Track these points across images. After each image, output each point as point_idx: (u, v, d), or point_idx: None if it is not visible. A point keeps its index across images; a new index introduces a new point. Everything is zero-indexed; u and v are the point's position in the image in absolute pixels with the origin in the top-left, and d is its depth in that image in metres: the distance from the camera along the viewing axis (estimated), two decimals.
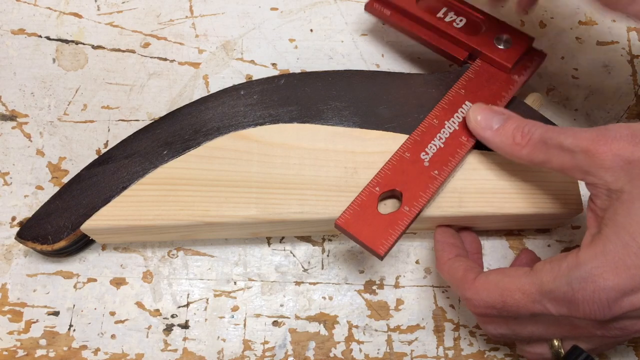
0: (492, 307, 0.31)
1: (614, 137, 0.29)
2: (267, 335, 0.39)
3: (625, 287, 0.27)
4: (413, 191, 0.35)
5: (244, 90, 0.40)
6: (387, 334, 0.39)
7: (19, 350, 0.38)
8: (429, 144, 0.37)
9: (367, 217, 0.34)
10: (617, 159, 0.29)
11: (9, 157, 0.42)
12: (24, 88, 0.44)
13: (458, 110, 0.38)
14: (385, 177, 0.36)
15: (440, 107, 0.38)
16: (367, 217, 0.34)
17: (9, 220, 0.40)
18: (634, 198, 0.28)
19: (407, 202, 0.35)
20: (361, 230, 0.34)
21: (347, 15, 0.47)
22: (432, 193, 0.35)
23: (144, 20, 0.46)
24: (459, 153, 0.37)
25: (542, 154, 0.32)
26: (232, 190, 0.37)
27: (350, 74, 0.41)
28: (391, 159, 0.37)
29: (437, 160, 0.36)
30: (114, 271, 0.40)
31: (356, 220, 0.34)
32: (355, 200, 0.35)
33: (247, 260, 0.40)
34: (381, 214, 0.35)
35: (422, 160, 0.36)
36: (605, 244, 0.28)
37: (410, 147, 0.37)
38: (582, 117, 0.45)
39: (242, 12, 0.47)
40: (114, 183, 0.37)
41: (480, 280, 0.32)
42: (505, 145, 0.34)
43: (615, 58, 0.46)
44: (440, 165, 0.36)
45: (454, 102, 0.38)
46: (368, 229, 0.34)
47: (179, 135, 0.39)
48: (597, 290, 0.27)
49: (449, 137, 0.37)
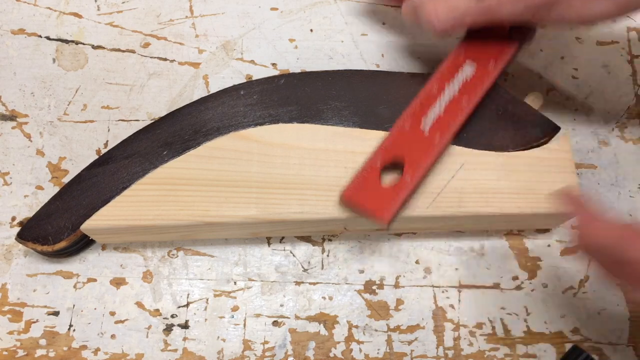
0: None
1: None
2: (267, 335, 0.39)
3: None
4: (414, 160, 0.35)
5: (244, 90, 0.40)
6: (387, 334, 0.39)
7: (19, 350, 0.38)
8: (428, 112, 0.37)
9: (371, 190, 0.35)
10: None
11: (9, 157, 0.42)
12: (24, 88, 0.44)
13: (458, 72, 0.38)
14: (386, 149, 0.36)
15: (439, 73, 0.38)
16: (371, 190, 0.35)
17: (9, 220, 0.40)
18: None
19: (408, 171, 0.35)
20: (365, 202, 0.35)
21: (347, 15, 0.47)
22: (433, 160, 0.36)
23: (144, 20, 0.46)
24: (459, 118, 0.37)
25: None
26: (232, 190, 0.37)
27: (350, 74, 0.41)
28: (391, 131, 0.37)
29: (437, 128, 0.36)
30: (114, 271, 0.40)
31: (360, 193, 0.35)
32: (358, 174, 0.36)
33: (247, 260, 0.40)
34: (384, 187, 0.35)
35: (422, 130, 0.36)
36: None
37: (409, 118, 0.37)
38: (582, 117, 0.45)
39: (242, 12, 0.47)
40: (114, 183, 0.37)
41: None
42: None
43: (615, 58, 0.46)
44: (440, 131, 0.36)
45: (453, 65, 0.38)
46: (372, 200, 0.35)
47: (178, 136, 0.39)
48: None
49: (448, 102, 0.37)
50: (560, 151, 0.39)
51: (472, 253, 0.41)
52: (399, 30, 0.47)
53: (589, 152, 0.44)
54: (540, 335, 0.39)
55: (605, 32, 0.47)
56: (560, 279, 0.40)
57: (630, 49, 0.47)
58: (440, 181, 0.37)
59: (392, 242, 0.41)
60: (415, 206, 0.37)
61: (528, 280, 0.40)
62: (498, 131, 0.39)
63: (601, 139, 0.44)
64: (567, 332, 0.39)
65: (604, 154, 0.44)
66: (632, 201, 0.42)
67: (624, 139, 0.44)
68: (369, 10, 0.47)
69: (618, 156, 0.43)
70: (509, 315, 0.40)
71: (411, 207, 0.37)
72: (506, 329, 0.39)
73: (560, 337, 0.39)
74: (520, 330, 0.39)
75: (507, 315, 0.40)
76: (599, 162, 0.43)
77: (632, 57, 0.46)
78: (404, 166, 0.35)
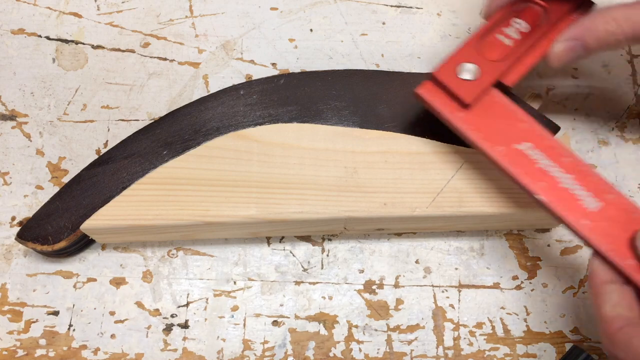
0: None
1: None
2: (267, 335, 0.39)
3: None
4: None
5: (244, 90, 0.40)
6: (386, 334, 0.39)
7: (19, 350, 0.38)
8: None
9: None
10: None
11: (9, 157, 0.42)
12: (24, 88, 0.44)
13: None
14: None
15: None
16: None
17: (8, 220, 0.40)
18: None
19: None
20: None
21: (347, 15, 0.47)
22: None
23: (144, 20, 0.46)
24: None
25: None
26: (232, 190, 0.37)
27: (350, 74, 0.41)
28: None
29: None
30: (114, 271, 0.40)
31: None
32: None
33: (247, 260, 0.40)
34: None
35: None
36: None
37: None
38: (582, 117, 0.45)
39: (242, 12, 0.47)
40: (114, 183, 0.37)
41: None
42: None
43: (615, 58, 0.46)
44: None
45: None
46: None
47: (178, 135, 0.39)
48: None
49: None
50: None
51: (472, 253, 0.41)
52: (399, 30, 0.47)
53: (589, 152, 0.44)
54: (540, 335, 0.39)
55: None
56: (560, 279, 0.40)
57: (630, 49, 0.47)
58: (440, 181, 0.37)
59: (392, 242, 0.41)
60: (415, 206, 0.37)
61: (528, 280, 0.40)
62: None
63: (601, 139, 0.44)
64: (567, 332, 0.39)
65: (604, 154, 0.44)
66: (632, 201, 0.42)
67: (624, 138, 0.44)
68: (369, 10, 0.47)
69: (618, 156, 0.43)
70: (509, 315, 0.40)
71: (411, 207, 0.37)
72: (506, 328, 0.39)
73: (560, 337, 0.39)
74: (520, 330, 0.39)
75: (507, 315, 0.40)
76: (599, 162, 0.43)
77: (632, 57, 0.46)
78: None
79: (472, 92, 0.35)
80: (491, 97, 0.36)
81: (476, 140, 0.35)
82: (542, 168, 0.34)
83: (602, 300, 0.31)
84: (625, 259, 0.31)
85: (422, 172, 0.38)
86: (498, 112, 0.35)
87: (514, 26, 0.36)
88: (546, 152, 0.34)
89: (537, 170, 0.34)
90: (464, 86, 0.35)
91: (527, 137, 0.35)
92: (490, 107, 0.35)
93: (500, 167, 0.34)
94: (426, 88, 0.36)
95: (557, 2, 0.37)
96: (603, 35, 0.34)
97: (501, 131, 0.35)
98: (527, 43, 0.36)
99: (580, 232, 0.32)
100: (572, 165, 0.34)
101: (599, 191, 0.33)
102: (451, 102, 0.36)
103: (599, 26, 0.34)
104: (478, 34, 0.37)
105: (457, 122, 0.35)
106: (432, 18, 0.47)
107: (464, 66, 0.36)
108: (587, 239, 0.32)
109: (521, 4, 0.37)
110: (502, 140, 0.35)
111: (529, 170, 0.34)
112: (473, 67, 0.36)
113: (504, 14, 0.37)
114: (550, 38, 0.36)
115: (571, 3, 0.37)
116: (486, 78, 0.35)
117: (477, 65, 0.36)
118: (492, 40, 0.36)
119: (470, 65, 0.36)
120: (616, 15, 0.33)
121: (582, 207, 0.33)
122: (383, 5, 0.48)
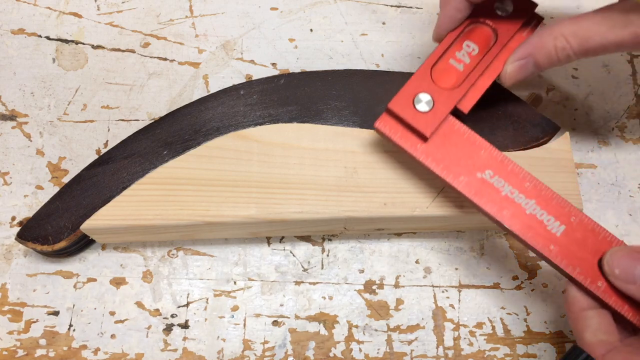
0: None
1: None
2: (267, 335, 0.39)
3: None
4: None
5: (244, 90, 0.40)
6: (387, 334, 0.39)
7: (19, 350, 0.38)
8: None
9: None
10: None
11: (9, 157, 0.42)
12: (24, 88, 0.44)
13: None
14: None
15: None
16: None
17: (9, 220, 0.40)
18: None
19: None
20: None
21: (347, 15, 0.47)
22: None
23: (144, 20, 0.46)
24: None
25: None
26: (232, 190, 0.37)
27: (350, 74, 0.41)
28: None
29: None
30: (114, 271, 0.40)
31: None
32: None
33: (247, 260, 0.40)
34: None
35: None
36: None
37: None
38: (582, 117, 0.45)
39: (242, 12, 0.47)
40: (114, 183, 0.37)
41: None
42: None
43: (615, 58, 0.46)
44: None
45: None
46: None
47: (178, 135, 0.39)
48: None
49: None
50: (560, 151, 0.39)
51: (472, 253, 0.41)
52: (399, 30, 0.47)
53: (589, 152, 0.44)
54: (540, 335, 0.39)
55: None
56: (560, 278, 0.40)
57: None
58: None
59: (392, 242, 0.41)
60: (415, 206, 0.37)
61: (528, 280, 0.40)
62: (498, 131, 0.39)
63: (601, 138, 0.44)
64: (567, 332, 0.39)
65: (604, 153, 0.44)
66: (632, 201, 0.42)
67: (624, 138, 0.44)
68: (369, 10, 0.47)
69: (618, 156, 0.43)
70: (509, 315, 0.40)
71: (411, 207, 0.37)
72: (506, 328, 0.39)
73: (560, 337, 0.39)
74: (520, 330, 0.39)
75: (507, 315, 0.40)
76: (599, 162, 0.43)
77: (632, 57, 0.46)
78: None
79: (430, 124, 0.35)
80: (448, 125, 0.35)
81: (439, 173, 0.34)
82: (507, 195, 0.34)
83: (581, 327, 0.31)
84: (596, 281, 0.32)
85: (422, 172, 0.38)
86: (457, 141, 0.35)
87: (465, 50, 0.36)
88: (508, 178, 0.34)
89: (502, 198, 0.34)
90: (422, 119, 0.35)
91: (488, 165, 0.34)
92: (449, 137, 0.35)
93: (466, 198, 0.34)
94: (384, 121, 0.36)
95: (505, 21, 0.37)
96: (553, 52, 0.34)
97: (462, 161, 0.35)
98: (480, 67, 0.36)
99: (549, 258, 0.32)
100: (534, 190, 0.34)
101: (562, 214, 0.33)
102: (410, 135, 0.35)
103: (548, 43, 0.34)
104: (430, 60, 0.36)
105: (419, 155, 0.35)
106: (432, 18, 0.47)
107: (419, 97, 0.35)
108: (557, 265, 0.32)
109: (470, 26, 0.37)
110: (464, 170, 0.34)
111: (494, 198, 0.34)
112: (429, 97, 0.35)
113: (454, 37, 0.37)
114: (501, 59, 0.36)
115: (520, 20, 0.37)
116: (443, 108, 0.35)
117: (433, 96, 0.35)
118: (445, 66, 0.36)
119: (426, 95, 0.35)
120: (564, 31, 0.33)
121: (550, 232, 0.33)
122: (383, 5, 0.48)
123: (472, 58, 0.36)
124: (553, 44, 0.34)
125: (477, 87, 0.36)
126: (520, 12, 0.37)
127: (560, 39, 0.34)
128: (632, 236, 0.41)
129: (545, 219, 0.33)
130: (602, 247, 0.32)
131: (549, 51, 0.34)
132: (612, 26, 0.32)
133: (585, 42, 0.33)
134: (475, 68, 0.36)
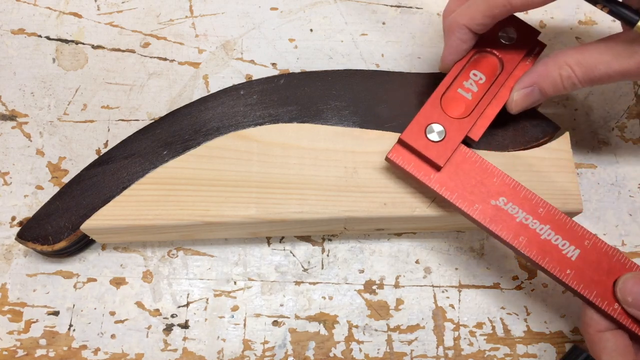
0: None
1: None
2: (267, 335, 0.39)
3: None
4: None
5: (244, 90, 0.40)
6: (387, 334, 0.39)
7: (19, 350, 0.38)
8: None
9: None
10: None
11: (9, 157, 0.42)
12: (24, 88, 0.44)
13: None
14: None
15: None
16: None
17: (9, 220, 0.40)
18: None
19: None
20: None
21: (347, 15, 0.47)
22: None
23: (144, 20, 0.46)
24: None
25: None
26: (232, 190, 0.37)
27: (350, 74, 0.41)
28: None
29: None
30: (114, 271, 0.40)
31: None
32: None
33: (247, 260, 0.40)
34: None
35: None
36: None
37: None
38: (582, 117, 0.45)
39: (242, 12, 0.47)
40: (114, 183, 0.37)
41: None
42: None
43: None
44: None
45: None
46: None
47: (178, 135, 0.39)
48: None
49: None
50: (560, 151, 0.39)
51: (472, 253, 0.41)
52: (399, 30, 0.47)
53: (589, 152, 0.44)
54: (540, 335, 0.39)
55: (605, 31, 0.47)
56: None
57: None
58: None
59: (392, 242, 0.41)
60: (415, 206, 0.37)
61: (528, 280, 0.40)
62: (498, 131, 0.39)
63: (601, 138, 0.44)
64: (567, 332, 0.39)
65: (604, 153, 0.44)
66: (632, 201, 0.42)
67: (624, 138, 0.44)
68: (369, 10, 0.47)
69: (618, 156, 0.43)
70: (509, 315, 0.40)
71: (411, 207, 0.37)
72: (506, 328, 0.39)
73: (560, 337, 0.39)
74: (520, 330, 0.39)
75: (507, 315, 0.40)
76: (599, 162, 0.43)
77: None
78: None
79: (443, 154, 0.35)
80: (460, 154, 0.36)
81: (453, 201, 0.35)
82: (522, 222, 0.34)
83: (599, 348, 0.32)
84: (612, 303, 0.32)
85: None
86: (469, 169, 0.35)
87: (472, 79, 0.37)
88: (522, 205, 0.34)
89: (517, 225, 0.34)
90: (434, 149, 0.35)
91: (502, 192, 0.35)
92: (461, 165, 0.35)
93: (481, 226, 0.34)
94: (396, 152, 0.36)
95: (510, 50, 0.37)
96: (558, 80, 0.34)
97: (475, 189, 0.35)
98: (488, 95, 0.36)
99: (567, 283, 0.33)
100: (548, 216, 0.34)
101: (576, 238, 0.33)
102: (423, 165, 0.35)
103: (553, 72, 0.34)
104: (439, 90, 0.37)
105: (433, 185, 0.35)
106: (432, 18, 0.47)
107: (432, 127, 0.36)
108: (574, 288, 0.33)
109: (476, 56, 0.37)
110: (478, 198, 0.35)
111: (510, 225, 0.34)
112: (440, 127, 0.36)
113: (461, 67, 0.37)
114: (508, 86, 0.37)
115: (524, 49, 0.37)
116: (455, 137, 0.35)
117: (444, 125, 0.36)
118: (454, 95, 0.36)
119: (438, 125, 0.36)
120: (568, 60, 0.34)
121: (565, 256, 0.33)
122: (383, 5, 0.48)
123: (480, 87, 0.37)
124: (558, 73, 0.34)
125: (485, 115, 0.36)
126: (523, 40, 0.37)
127: (565, 67, 0.34)
128: (632, 236, 0.41)
129: (560, 243, 0.33)
130: (616, 268, 0.33)
131: (554, 80, 0.34)
132: (617, 55, 0.33)
133: (590, 71, 0.33)
134: (484, 97, 0.37)
